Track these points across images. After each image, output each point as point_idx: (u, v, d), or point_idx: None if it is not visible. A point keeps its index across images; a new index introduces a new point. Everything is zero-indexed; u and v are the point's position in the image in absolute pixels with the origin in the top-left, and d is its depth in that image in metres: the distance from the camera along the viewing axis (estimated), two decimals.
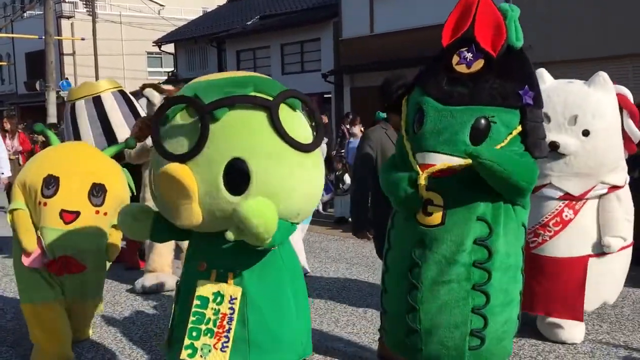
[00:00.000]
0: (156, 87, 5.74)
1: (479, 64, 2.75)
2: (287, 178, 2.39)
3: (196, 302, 2.48)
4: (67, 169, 3.88)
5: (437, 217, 2.75)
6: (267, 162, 2.34)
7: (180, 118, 2.41)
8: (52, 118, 20.36)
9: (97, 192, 3.89)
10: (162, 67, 34.62)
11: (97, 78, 27.32)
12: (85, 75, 29.95)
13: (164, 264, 6.00)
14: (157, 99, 5.58)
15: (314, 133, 2.53)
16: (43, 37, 20.74)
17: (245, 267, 2.49)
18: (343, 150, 11.35)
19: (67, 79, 28.78)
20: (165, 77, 28.62)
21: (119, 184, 4.09)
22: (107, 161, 4.20)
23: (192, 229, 2.46)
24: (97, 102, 6.51)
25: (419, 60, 15.96)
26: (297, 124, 2.49)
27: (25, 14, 32.94)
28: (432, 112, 2.76)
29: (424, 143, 2.76)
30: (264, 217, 2.25)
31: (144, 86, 5.80)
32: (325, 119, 13.03)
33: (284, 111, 2.42)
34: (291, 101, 2.49)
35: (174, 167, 2.27)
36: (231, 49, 23.43)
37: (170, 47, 28.34)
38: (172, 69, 28.96)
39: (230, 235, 2.31)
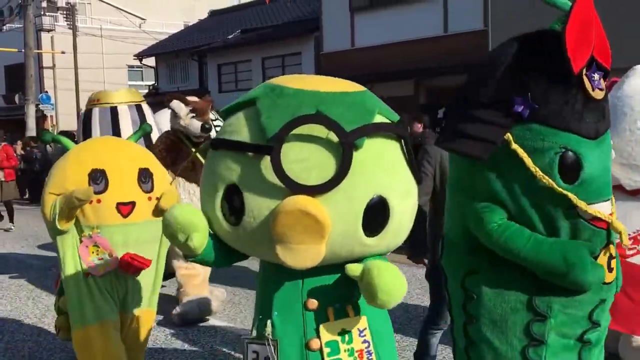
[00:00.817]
0: (183, 98, 5.49)
1: (603, 85, 2.27)
2: (412, 215, 2.19)
3: (326, 349, 2.10)
4: (109, 160, 3.55)
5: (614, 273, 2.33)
6: (403, 201, 2.09)
7: (303, 140, 1.95)
8: (31, 131, 20.19)
9: (145, 177, 3.60)
10: (143, 80, 34.50)
11: (77, 92, 27.18)
12: (66, 88, 29.79)
13: (201, 285, 5.51)
14: (184, 111, 5.34)
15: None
16: (23, 50, 20.60)
17: (359, 295, 2.15)
18: None
19: (46, 92, 28.58)
20: (146, 91, 28.53)
21: (159, 167, 3.84)
22: (139, 146, 3.97)
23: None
24: (113, 112, 6.21)
25: (400, 73, 16.15)
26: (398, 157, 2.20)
27: (4, 27, 32.74)
28: (589, 153, 2.15)
29: (596, 191, 2.17)
30: (394, 296, 1.98)
31: (170, 98, 5.54)
32: None
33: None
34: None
35: (309, 203, 1.88)
36: (212, 63, 23.43)
37: (151, 61, 28.28)
38: (153, 82, 28.89)
39: (353, 271, 2.05)
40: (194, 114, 5.35)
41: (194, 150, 5.41)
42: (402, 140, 2.10)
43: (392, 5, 16.78)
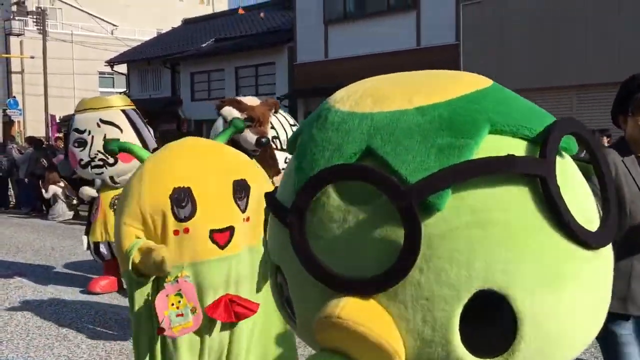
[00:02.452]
0: (236, 103, 4.54)
1: None
2: (571, 309, 1.06)
3: None
4: (195, 173, 2.75)
5: None
6: (546, 296, 1.00)
7: (340, 202, 1.00)
8: None
9: (241, 192, 2.78)
10: (114, 87, 34.14)
11: (46, 97, 26.77)
12: (34, 93, 29.36)
13: None
14: (232, 115, 4.45)
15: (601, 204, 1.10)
16: None
17: None
18: None
19: (14, 97, 28.09)
20: None
21: (258, 174, 3.00)
22: (232, 149, 3.12)
23: None
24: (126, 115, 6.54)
25: None
26: (576, 188, 1.08)
27: None
28: None
29: None
30: None
31: (223, 103, 4.64)
32: None
33: (560, 169, 1.02)
34: (567, 141, 1.04)
35: (358, 316, 0.97)
36: (185, 71, 23.30)
37: (122, 68, 28.00)
38: (125, 89, 28.60)
39: None
40: (249, 124, 4.38)
41: None
42: (545, 183, 0.99)
43: (365, 18, 16.89)
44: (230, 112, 4.47)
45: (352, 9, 17.60)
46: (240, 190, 2.77)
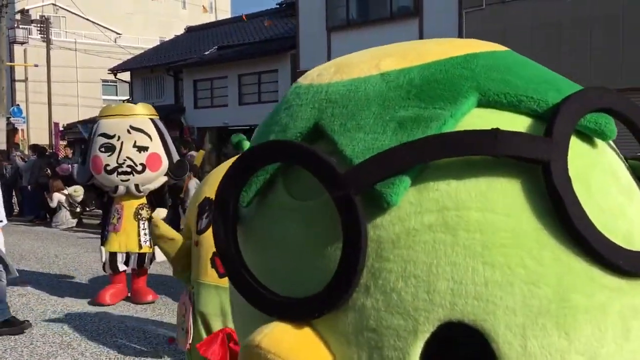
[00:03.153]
0: None
1: None
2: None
3: None
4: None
5: None
6: (543, 329, 0.61)
7: (286, 197, 0.73)
8: (2, 145, 19.85)
9: None
10: (117, 95, 34.25)
11: (49, 105, 26.85)
12: (38, 101, 29.44)
13: None
14: None
15: None
16: None
17: None
18: None
19: (18, 105, 28.15)
20: None
21: None
22: None
23: None
24: (94, 126, 6.54)
25: None
26: (609, 190, 0.68)
27: None
28: None
29: None
30: None
31: None
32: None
33: (578, 157, 0.66)
34: (596, 120, 0.70)
35: (281, 347, 0.65)
36: (188, 79, 23.33)
37: (126, 75, 28.07)
38: (128, 97, 28.67)
39: None
40: None
41: None
42: (547, 171, 0.62)
43: (368, 25, 16.92)
44: None
45: (355, 16, 17.64)
46: None
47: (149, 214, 6.37)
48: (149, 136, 6.32)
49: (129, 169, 6.16)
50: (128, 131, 6.22)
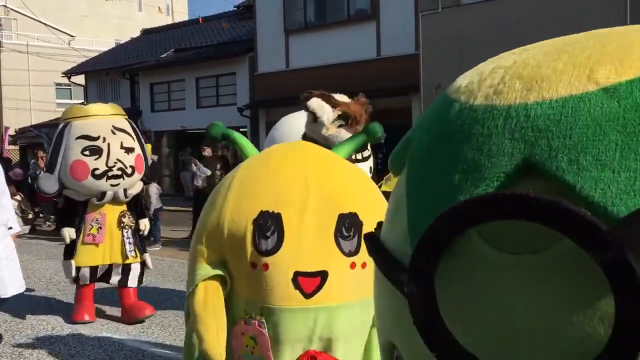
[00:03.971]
0: (327, 97, 3.67)
1: None
2: None
3: None
4: (291, 196, 2.17)
5: None
6: None
7: (489, 251, 0.55)
8: None
9: (348, 230, 2.15)
10: (71, 98, 33.53)
11: (0, 109, 26.12)
12: None
13: None
14: (329, 116, 3.54)
15: None
16: None
17: None
18: None
19: None
20: None
21: (381, 207, 2.24)
22: (349, 168, 2.42)
23: None
24: (64, 128, 5.84)
25: None
26: None
27: None
28: None
29: None
30: None
31: (309, 95, 3.61)
32: (208, 152, 12.04)
33: None
34: None
35: None
36: (145, 82, 23.03)
37: (80, 79, 27.54)
38: (82, 100, 28.13)
39: None
40: (343, 122, 3.59)
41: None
42: None
43: (326, 28, 16.97)
44: (321, 107, 3.46)
45: (313, 18, 17.67)
46: (348, 227, 2.12)
47: (131, 221, 5.94)
48: (132, 137, 5.90)
49: (119, 172, 5.66)
50: (112, 132, 5.73)
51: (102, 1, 37.64)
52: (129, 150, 5.79)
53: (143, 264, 6.09)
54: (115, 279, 6.03)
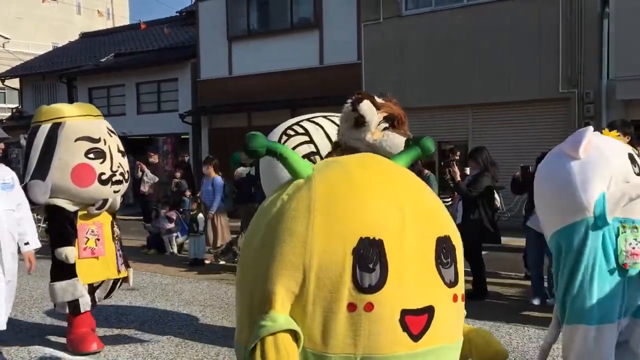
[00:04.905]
0: (372, 98, 3.17)
1: None
2: None
3: None
4: (387, 218, 1.83)
5: None
6: None
7: None
8: None
9: (447, 256, 1.88)
10: (5, 102, 32.43)
11: None
12: None
13: None
14: (376, 118, 3.02)
15: None
16: None
17: None
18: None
19: None
20: (9, 114, 26.85)
21: (456, 230, 2.07)
22: (424, 184, 2.14)
23: None
24: (55, 129, 5.09)
25: (277, 103, 16.29)
26: None
27: None
28: None
29: None
30: None
31: (361, 96, 2.97)
32: (155, 158, 12.49)
33: None
34: None
35: None
36: (83, 86, 22.47)
37: (15, 82, 26.65)
38: (17, 105, 27.21)
39: None
40: (387, 124, 3.17)
41: None
42: None
43: (269, 36, 16.97)
44: (372, 109, 3.06)
45: (256, 26, 17.65)
46: (446, 253, 1.86)
47: (118, 232, 5.45)
48: (120, 140, 5.45)
49: (121, 178, 5.19)
50: (109, 133, 5.24)
51: (39, 3, 36.57)
52: (124, 153, 5.34)
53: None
54: (100, 296, 5.32)
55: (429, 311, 1.77)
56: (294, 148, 4.45)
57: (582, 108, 12.36)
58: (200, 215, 9.74)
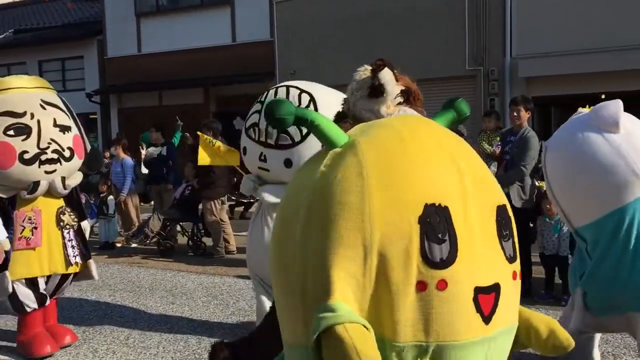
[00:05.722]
0: (391, 66, 2.80)
1: None
2: None
3: None
4: (448, 183, 1.58)
5: None
6: None
7: None
8: None
9: (505, 226, 1.65)
10: None
11: None
12: None
13: None
14: (393, 87, 2.74)
15: None
16: None
17: None
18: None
19: None
20: None
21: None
22: (474, 151, 1.86)
23: None
24: None
25: (189, 81, 15.97)
26: None
27: None
28: None
29: None
30: None
31: (381, 64, 2.66)
32: None
33: None
34: None
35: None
36: None
37: None
38: None
39: None
40: (403, 99, 2.89)
41: None
42: None
43: (179, 12, 16.57)
44: (392, 80, 2.77)
45: (165, 2, 17.18)
46: (505, 224, 1.63)
47: (73, 220, 4.71)
48: (66, 114, 4.71)
49: (55, 155, 4.44)
50: (42, 106, 4.54)
51: None
52: (65, 129, 4.58)
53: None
54: (49, 291, 4.65)
55: (496, 290, 1.55)
56: (249, 115, 4.46)
57: (488, 85, 12.84)
58: (111, 197, 9.46)
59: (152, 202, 10.38)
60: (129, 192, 9.36)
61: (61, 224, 4.60)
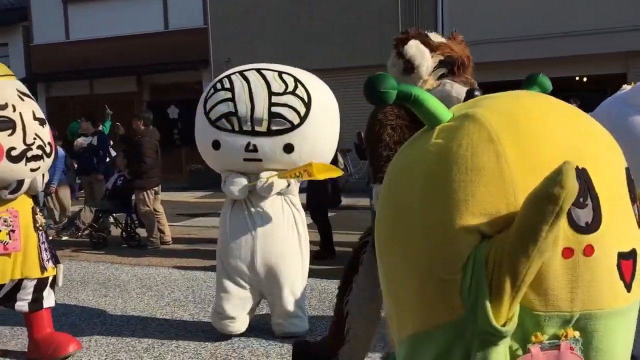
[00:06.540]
0: (425, 37, 2.66)
1: None
2: None
3: None
4: (587, 146, 1.47)
5: None
6: None
7: None
8: None
9: (632, 189, 1.56)
10: None
11: None
12: None
13: None
14: (428, 62, 2.57)
15: None
16: None
17: None
18: None
19: None
20: None
21: None
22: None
23: None
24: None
25: (121, 69, 15.57)
26: None
27: None
28: None
29: None
30: None
31: (407, 36, 2.59)
32: None
33: None
34: None
35: None
36: None
37: None
38: None
39: None
40: (445, 70, 2.63)
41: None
42: None
43: None
44: (422, 52, 2.55)
45: None
46: (631, 187, 1.53)
47: (43, 221, 4.32)
48: (38, 105, 4.29)
49: (39, 152, 4.02)
50: (20, 97, 4.06)
51: None
52: (42, 122, 4.15)
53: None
54: (23, 302, 4.17)
55: (633, 255, 1.45)
56: (214, 106, 4.13)
57: None
58: None
59: (85, 194, 10.13)
60: (59, 184, 9.10)
61: (36, 225, 4.21)
